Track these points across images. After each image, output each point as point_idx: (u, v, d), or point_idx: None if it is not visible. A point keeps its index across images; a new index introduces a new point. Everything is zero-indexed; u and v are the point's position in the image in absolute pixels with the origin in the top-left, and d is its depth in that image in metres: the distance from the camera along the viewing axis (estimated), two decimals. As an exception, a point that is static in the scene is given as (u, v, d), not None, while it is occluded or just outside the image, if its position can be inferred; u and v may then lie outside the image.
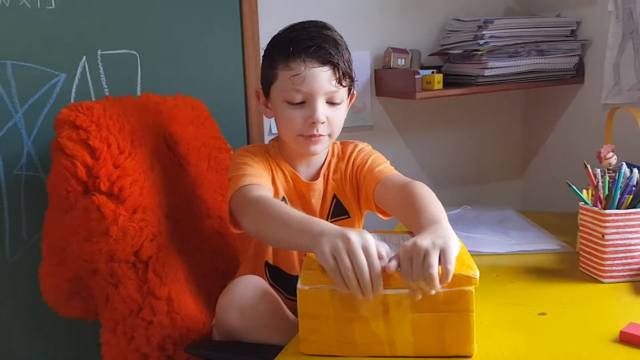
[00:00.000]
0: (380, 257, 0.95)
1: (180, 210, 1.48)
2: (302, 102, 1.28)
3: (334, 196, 1.41)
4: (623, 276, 1.29)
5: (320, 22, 1.33)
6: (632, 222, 1.28)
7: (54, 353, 1.77)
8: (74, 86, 1.73)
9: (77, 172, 1.31)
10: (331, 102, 1.30)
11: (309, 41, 1.26)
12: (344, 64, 1.29)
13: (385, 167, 1.37)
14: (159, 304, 1.31)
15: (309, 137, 1.30)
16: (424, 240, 0.96)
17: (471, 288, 0.98)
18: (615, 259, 1.29)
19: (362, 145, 1.44)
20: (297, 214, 1.11)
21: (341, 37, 1.33)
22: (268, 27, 1.37)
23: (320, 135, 1.30)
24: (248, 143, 1.94)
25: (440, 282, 0.94)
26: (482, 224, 1.71)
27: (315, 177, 1.40)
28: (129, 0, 1.76)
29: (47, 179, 1.41)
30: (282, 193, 1.37)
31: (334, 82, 1.28)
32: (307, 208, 1.39)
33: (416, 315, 0.99)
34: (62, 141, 1.33)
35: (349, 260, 0.93)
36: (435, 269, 0.93)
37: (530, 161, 2.32)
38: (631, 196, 1.31)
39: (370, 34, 2.06)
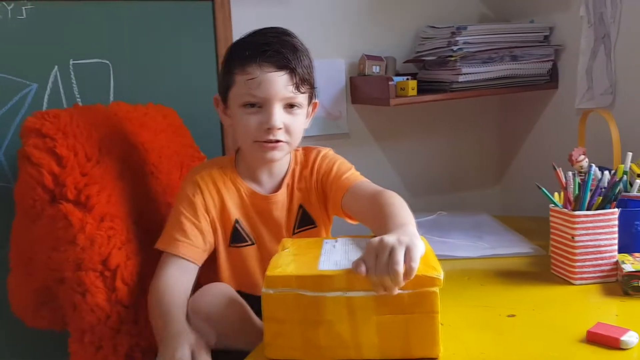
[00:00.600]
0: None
1: (150, 219, 1.46)
2: (259, 108, 1.27)
3: (300, 206, 1.38)
4: (593, 277, 1.29)
5: (282, 28, 1.32)
6: (601, 224, 1.29)
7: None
8: (46, 96, 1.71)
9: (44, 180, 1.30)
10: (289, 109, 1.28)
11: (266, 46, 1.25)
12: (303, 70, 1.27)
13: (351, 174, 1.36)
14: (127, 312, 1.29)
15: (265, 143, 1.27)
16: (390, 238, 0.97)
17: (436, 289, 0.98)
18: (585, 260, 1.29)
19: (325, 150, 1.42)
20: (170, 313, 1.18)
21: (302, 44, 1.31)
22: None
23: (278, 141, 1.27)
24: (223, 152, 1.93)
25: (404, 279, 0.93)
26: (457, 229, 1.71)
27: (278, 188, 1.38)
28: (101, 9, 1.74)
29: (14, 188, 1.39)
30: (234, 216, 1.35)
31: (290, 87, 1.26)
32: (270, 223, 1.37)
33: (381, 317, 0.98)
34: (29, 149, 1.31)
35: None
36: (401, 266, 0.93)
37: (506, 166, 2.32)
38: (601, 198, 1.31)
39: (345, 42, 2.06)
